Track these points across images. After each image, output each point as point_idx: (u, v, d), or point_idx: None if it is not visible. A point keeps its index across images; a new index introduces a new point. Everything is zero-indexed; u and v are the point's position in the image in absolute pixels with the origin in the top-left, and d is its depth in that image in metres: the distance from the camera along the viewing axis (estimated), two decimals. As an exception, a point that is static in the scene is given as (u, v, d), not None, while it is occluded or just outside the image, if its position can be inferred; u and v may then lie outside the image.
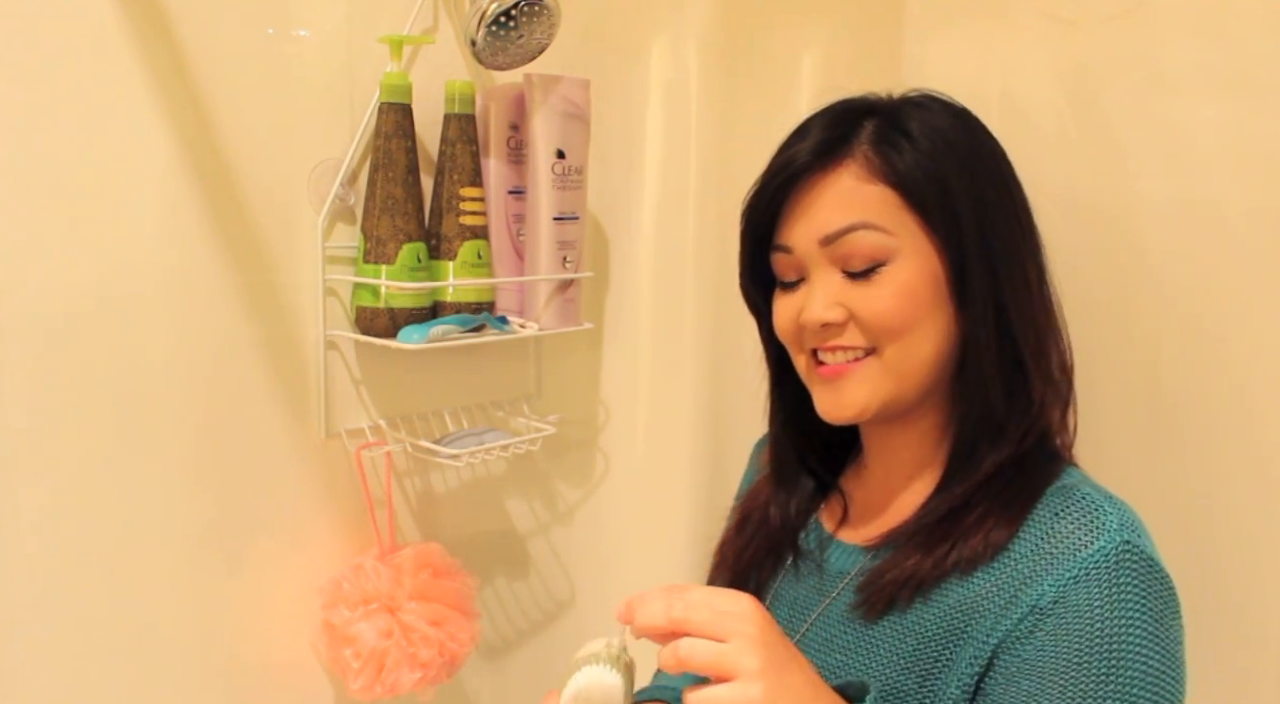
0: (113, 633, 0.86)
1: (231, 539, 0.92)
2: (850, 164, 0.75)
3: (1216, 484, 0.81)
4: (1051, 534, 0.70)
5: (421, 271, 0.95)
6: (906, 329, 0.75)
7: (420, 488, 1.08)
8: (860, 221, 0.74)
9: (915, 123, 0.75)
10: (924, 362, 0.76)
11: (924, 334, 0.75)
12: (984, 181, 0.75)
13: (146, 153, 0.84)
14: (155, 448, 0.87)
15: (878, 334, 0.75)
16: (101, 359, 0.83)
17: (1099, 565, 0.67)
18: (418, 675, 0.94)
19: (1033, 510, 0.72)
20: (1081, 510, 0.71)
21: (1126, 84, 0.84)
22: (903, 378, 0.76)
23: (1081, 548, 0.68)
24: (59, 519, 0.82)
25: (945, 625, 0.72)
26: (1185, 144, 0.81)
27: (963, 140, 0.76)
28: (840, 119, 0.77)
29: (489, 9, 0.91)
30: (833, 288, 0.76)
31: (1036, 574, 0.69)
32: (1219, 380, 0.80)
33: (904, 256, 0.74)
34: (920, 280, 0.74)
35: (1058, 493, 0.73)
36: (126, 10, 0.81)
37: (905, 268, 0.74)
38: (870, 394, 0.76)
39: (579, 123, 1.03)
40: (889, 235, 0.74)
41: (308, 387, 0.96)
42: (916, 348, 0.75)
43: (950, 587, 0.72)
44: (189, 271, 0.87)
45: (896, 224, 0.74)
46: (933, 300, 0.75)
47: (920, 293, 0.74)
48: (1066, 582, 0.68)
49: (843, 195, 0.75)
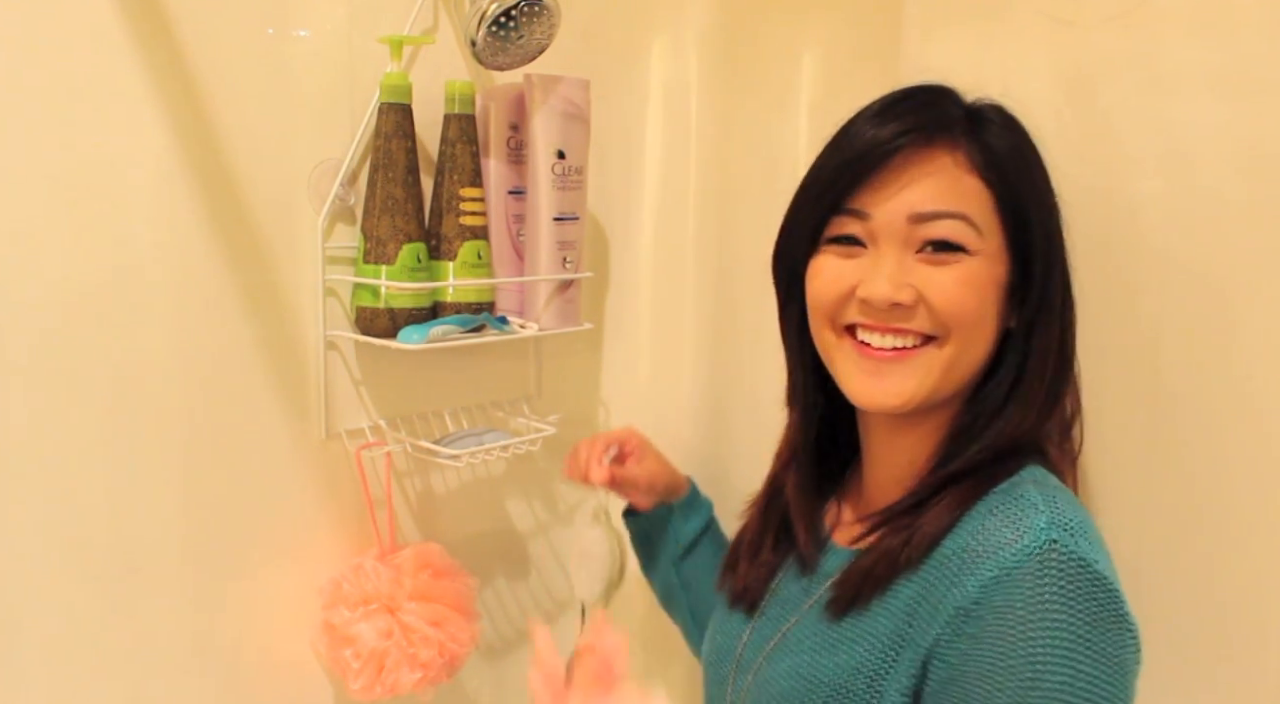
0: (113, 632, 0.86)
1: (231, 539, 0.92)
2: (953, 149, 0.74)
3: (1218, 484, 0.81)
4: (980, 531, 0.69)
5: (421, 272, 0.95)
6: (974, 322, 0.74)
7: (420, 488, 1.08)
8: (961, 212, 0.73)
9: (1003, 124, 0.76)
10: (972, 363, 0.75)
11: (983, 333, 0.75)
12: (1052, 198, 0.77)
13: (146, 153, 0.84)
14: (155, 448, 0.87)
15: (947, 321, 0.73)
16: (101, 359, 0.83)
17: (1020, 566, 0.65)
18: (418, 676, 0.94)
19: (973, 507, 0.71)
20: (1014, 508, 0.69)
21: (1126, 84, 0.84)
22: (953, 372, 0.75)
23: (1005, 547, 0.66)
24: (58, 519, 0.82)
25: (893, 627, 0.71)
26: (1185, 144, 0.81)
27: (1037, 154, 0.77)
28: (936, 100, 0.76)
29: (489, 9, 0.91)
30: (905, 267, 0.74)
31: (961, 574, 0.67)
32: (1220, 380, 0.80)
33: (982, 255, 0.74)
34: (988, 280, 0.74)
35: (1003, 491, 0.71)
36: (126, 10, 0.81)
37: (979, 264, 0.74)
38: (918, 386, 0.74)
39: (579, 123, 1.03)
40: (978, 232, 0.73)
41: (308, 387, 0.96)
42: (974, 346, 0.75)
43: (902, 585, 0.72)
44: (189, 272, 0.87)
45: (987, 223, 0.74)
46: (994, 302, 0.74)
47: (987, 291, 0.74)
48: (987, 582, 0.66)
49: (943, 178, 0.74)
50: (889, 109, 0.76)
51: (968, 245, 0.73)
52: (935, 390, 0.75)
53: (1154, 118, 0.82)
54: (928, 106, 0.76)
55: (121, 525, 0.85)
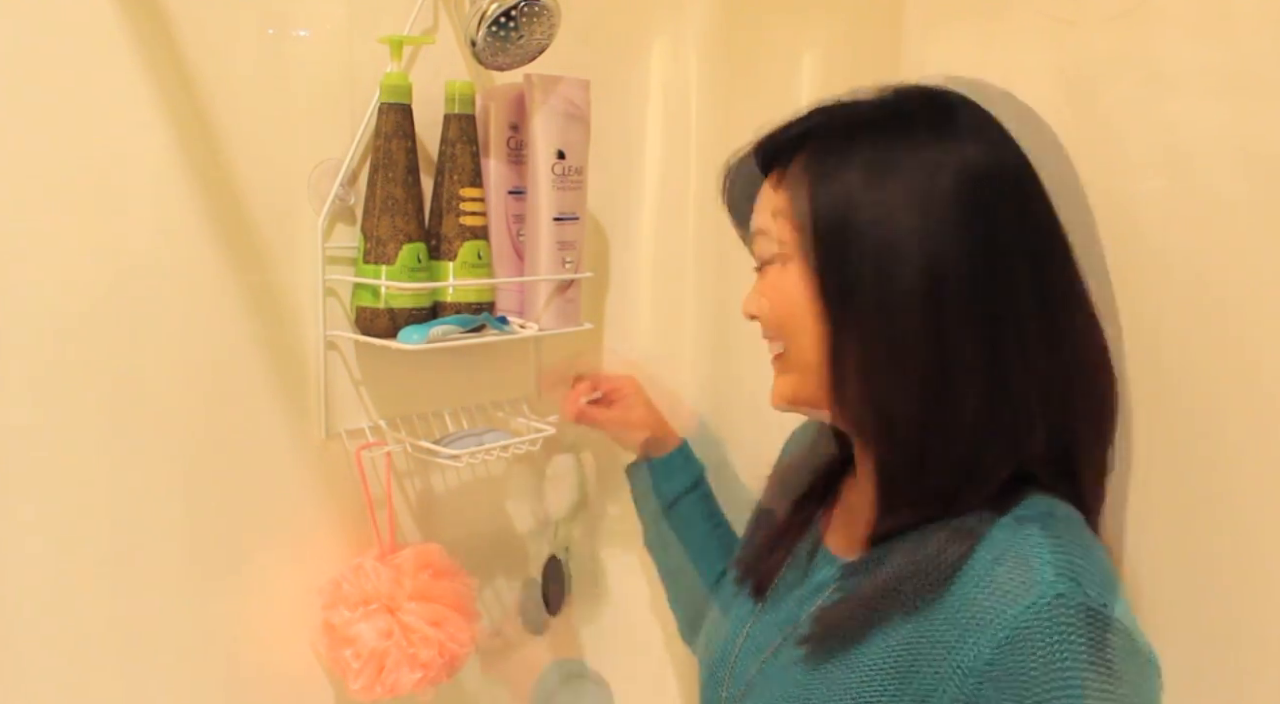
0: (112, 633, 0.86)
1: (231, 539, 0.92)
2: (777, 186, 0.78)
3: (1218, 484, 0.81)
4: (989, 580, 0.67)
5: (421, 272, 0.95)
6: (785, 327, 0.77)
7: (420, 488, 1.08)
8: (761, 228, 0.78)
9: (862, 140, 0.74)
10: (811, 364, 0.76)
11: (805, 337, 0.76)
12: (896, 203, 0.71)
13: (146, 153, 0.84)
14: (155, 448, 0.87)
15: (772, 330, 0.79)
16: (101, 359, 0.83)
17: (1030, 625, 0.63)
18: (418, 676, 0.94)
19: (978, 545, 0.69)
20: (1018, 557, 0.66)
21: (1126, 84, 0.84)
22: (799, 372, 0.77)
23: (1012, 603, 0.64)
24: (58, 519, 0.82)
25: (891, 663, 0.69)
26: (1185, 144, 0.81)
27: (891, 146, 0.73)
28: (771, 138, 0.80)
29: (489, 9, 0.91)
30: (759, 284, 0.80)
31: (973, 627, 0.65)
32: (1221, 380, 0.80)
33: (781, 258, 0.77)
34: (790, 280, 0.76)
35: (1005, 528, 0.69)
36: (126, 10, 0.80)
37: (787, 270, 0.76)
38: (782, 388, 0.80)
39: (579, 123, 1.03)
40: (777, 242, 0.77)
41: (308, 387, 0.96)
42: (800, 349, 0.77)
43: (895, 623, 0.70)
44: (189, 272, 0.87)
45: (784, 230, 0.76)
46: (805, 306, 0.75)
47: (793, 297, 0.76)
48: (1000, 643, 0.64)
49: (764, 193, 0.79)
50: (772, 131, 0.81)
51: (769, 256, 0.78)
52: (798, 391, 0.78)
53: (1154, 118, 0.82)
54: (767, 142, 0.80)
55: (121, 525, 0.85)
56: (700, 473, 1.09)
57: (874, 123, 0.75)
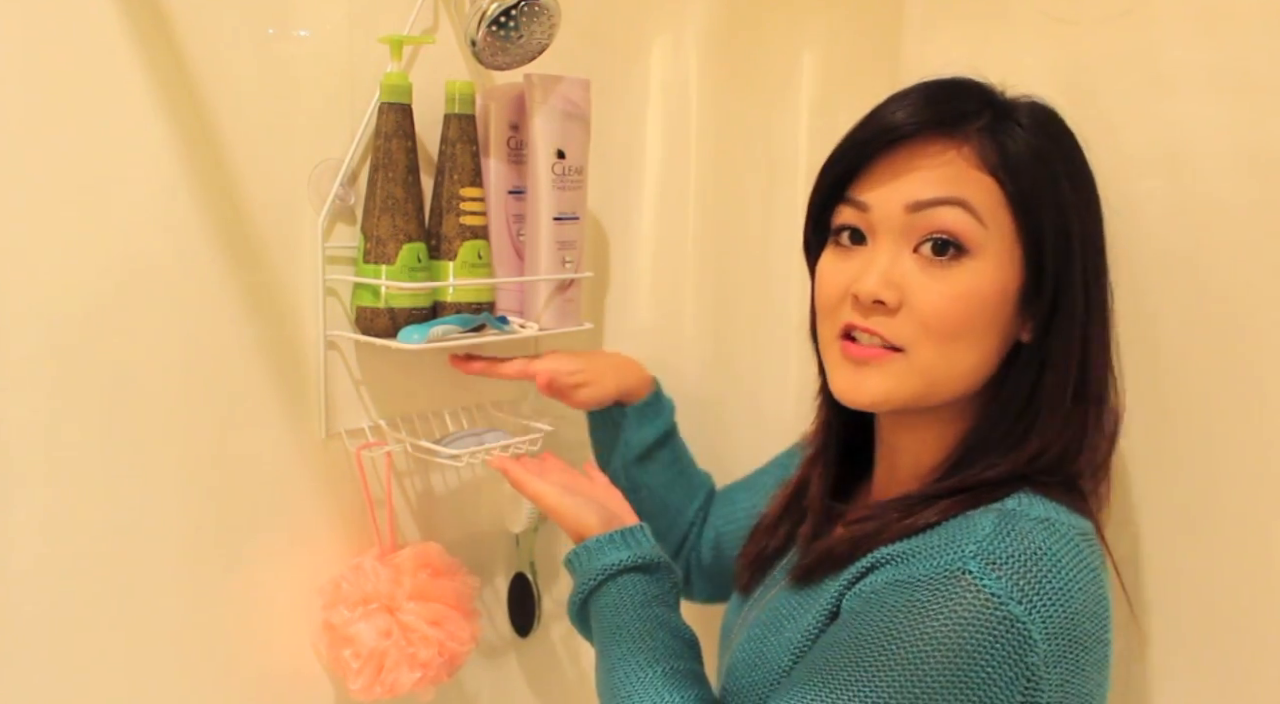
0: (112, 632, 0.86)
1: (231, 539, 0.92)
2: (961, 144, 0.71)
3: (1218, 485, 0.81)
4: (924, 541, 0.68)
5: (421, 272, 0.95)
6: (957, 336, 0.71)
7: (420, 488, 1.08)
8: (957, 197, 0.70)
9: (1032, 124, 0.73)
10: (961, 374, 0.72)
11: (972, 345, 0.72)
12: (1083, 204, 0.73)
13: (146, 153, 0.83)
14: (155, 448, 0.87)
15: (923, 332, 0.71)
16: (101, 359, 0.83)
17: (922, 578, 0.64)
18: (417, 675, 0.94)
19: (942, 523, 0.70)
20: (957, 529, 0.68)
21: (1126, 84, 0.84)
22: (933, 384, 0.72)
23: (925, 560, 0.66)
24: (58, 519, 0.82)
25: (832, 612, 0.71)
26: (1185, 144, 0.81)
27: (1074, 157, 0.74)
28: (958, 94, 0.74)
29: (489, 9, 0.91)
30: (900, 266, 0.72)
31: (898, 582, 0.66)
32: (1221, 380, 0.80)
33: (987, 256, 0.70)
34: (992, 289, 0.71)
35: (976, 514, 0.69)
36: (126, 10, 0.81)
37: (983, 269, 0.71)
38: (893, 390, 0.73)
39: (579, 123, 1.03)
40: (981, 225, 0.70)
41: (308, 387, 0.96)
42: (959, 358, 0.72)
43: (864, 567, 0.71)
44: (189, 271, 0.87)
45: (992, 218, 0.70)
46: (996, 313, 0.71)
47: (988, 302, 0.71)
48: (892, 582, 0.66)
49: (946, 170, 0.71)
50: (907, 96, 0.74)
51: (968, 240, 0.70)
52: (916, 395, 0.73)
53: (1154, 118, 0.82)
54: (949, 99, 0.73)
55: (121, 525, 0.85)
56: (670, 414, 1.05)
57: (1048, 125, 0.75)
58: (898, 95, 0.75)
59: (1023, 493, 0.70)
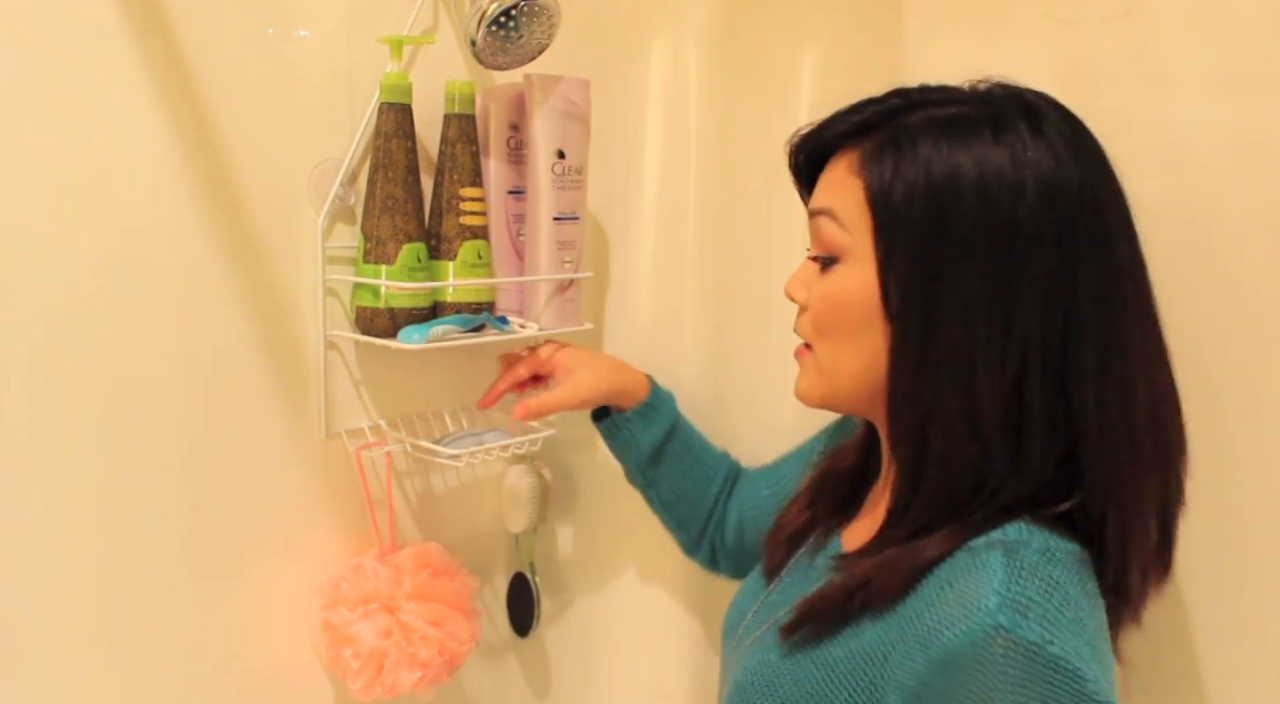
0: (112, 633, 0.86)
1: (231, 539, 0.92)
2: (856, 150, 0.74)
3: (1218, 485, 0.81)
4: (938, 601, 0.65)
5: (421, 271, 0.95)
6: (833, 335, 0.75)
7: (420, 488, 1.08)
8: (825, 207, 0.75)
9: (931, 135, 0.70)
10: (851, 373, 0.74)
11: (850, 345, 0.74)
12: (961, 211, 0.68)
13: (146, 153, 0.84)
14: (155, 448, 0.87)
15: (814, 331, 0.77)
16: (100, 359, 0.83)
17: (963, 652, 0.62)
18: (417, 675, 0.94)
19: (944, 562, 0.67)
20: (971, 581, 0.64)
21: (1126, 84, 0.84)
22: (833, 381, 0.76)
23: (951, 626, 0.63)
24: (57, 519, 0.82)
25: (855, 666, 0.69)
26: (1185, 144, 0.81)
27: (968, 165, 0.68)
28: (880, 100, 0.75)
29: (489, 9, 0.91)
30: (809, 268, 0.77)
31: (916, 644, 0.65)
32: (1220, 381, 0.80)
33: (854, 260, 0.73)
34: (858, 291, 0.72)
35: (973, 551, 0.67)
36: (126, 10, 0.81)
37: (848, 273, 0.73)
38: (809, 387, 0.78)
39: (579, 123, 1.03)
40: (845, 232, 0.73)
41: (308, 387, 0.96)
42: (841, 356, 0.75)
43: (866, 625, 0.69)
44: (188, 271, 0.87)
45: (856, 224, 0.72)
46: (867, 315, 0.72)
47: (851, 304, 0.73)
48: (934, 664, 0.63)
49: (833, 177, 0.75)
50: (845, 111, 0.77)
51: (834, 248, 0.74)
52: (828, 393, 0.77)
53: (1154, 118, 0.82)
54: (865, 108, 0.75)
55: (121, 525, 0.85)
56: (674, 413, 1.05)
57: (957, 119, 0.71)
58: None
59: (1021, 522, 0.68)
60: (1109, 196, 0.71)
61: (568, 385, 1.01)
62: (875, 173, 0.71)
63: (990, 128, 0.69)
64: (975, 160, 0.68)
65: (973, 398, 0.68)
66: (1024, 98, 0.72)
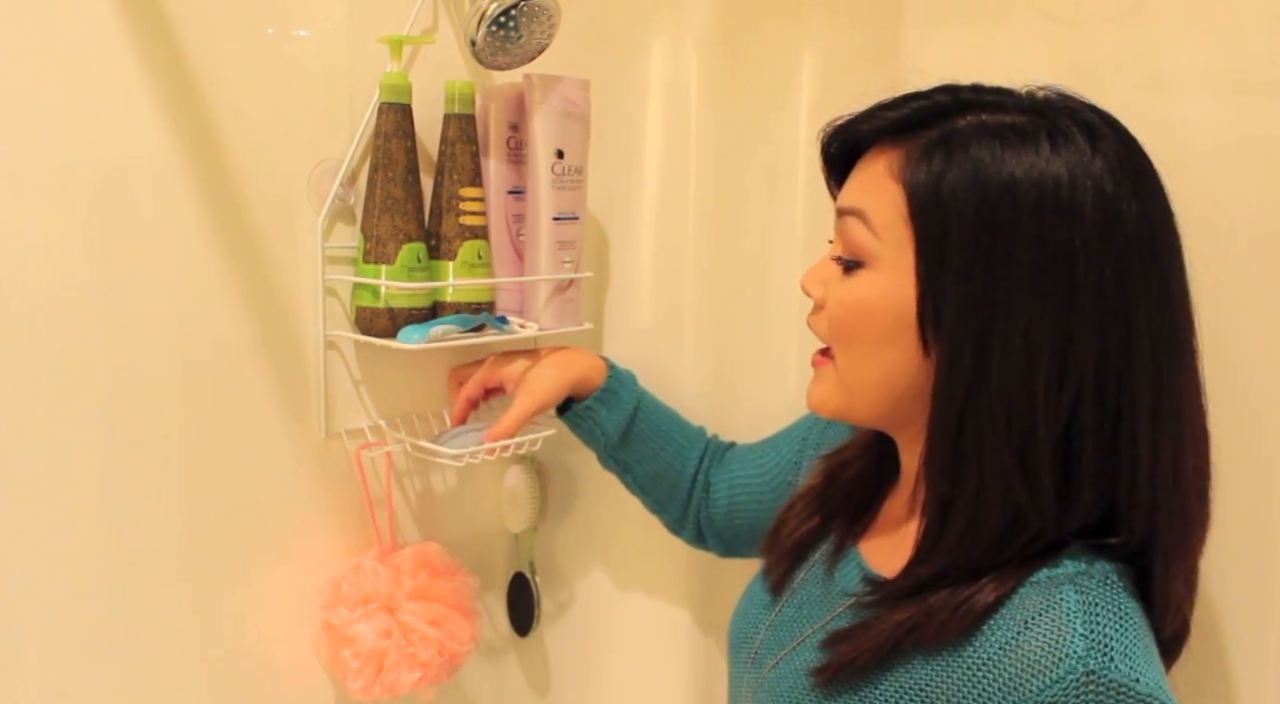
0: (111, 633, 0.86)
1: (230, 539, 0.92)
2: (897, 150, 0.68)
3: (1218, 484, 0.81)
4: (1017, 646, 0.63)
5: (421, 271, 0.95)
6: (852, 344, 0.71)
7: (420, 488, 1.08)
8: (856, 208, 0.70)
9: (985, 144, 0.65)
10: (870, 385, 0.70)
11: (869, 356, 0.70)
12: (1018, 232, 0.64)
13: (146, 152, 0.84)
14: (154, 448, 0.87)
15: (831, 335, 0.72)
16: (100, 359, 0.83)
17: (1056, 699, 0.60)
18: (417, 675, 0.94)
19: (1008, 600, 0.65)
20: (1050, 622, 0.63)
21: (1126, 84, 0.84)
22: (852, 392, 0.72)
23: (1040, 674, 0.61)
24: (56, 519, 0.82)
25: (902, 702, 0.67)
26: (1185, 144, 0.81)
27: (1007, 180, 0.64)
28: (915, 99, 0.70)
29: (489, 9, 0.91)
30: (830, 266, 0.73)
31: (996, 692, 0.63)
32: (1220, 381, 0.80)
33: (882, 268, 0.68)
34: (883, 301, 0.68)
35: (1039, 587, 0.65)
36: (126, 10, 0.81)
37: (873, 280, 0.69)
38: (825, 396, 0.74)
39: (579, 123, 1.03)
40: (874, 238, 0.68)
41: (308, 387, 0.96)
42: (860, 367, 0.70)
43: (914, 663, 0.67)
44: (189, 271, 0.87)
45: (890, 231, 0.68)
46: (892, 327, 0.68)
47: (876, 314, 0.68)
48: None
49: (868, 176, 0.70)
50: (885, 105, 0.73)
51: (861, 252, 0.69)
52: (845, 405, 0.73)
53: (1154, 118, 0.82)
54: (908, 103, 0.71)
55: (120, 526, 0.85)
56: (636, 393, 1.03)
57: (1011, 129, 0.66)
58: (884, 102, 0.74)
59: (1071, 550, 0.67)
60: (1164, 229, 0.68)
61: (522, 396, 0.99)
62: (920, 182, 0.66)
63: (1049, 144, 0.65)
64: (1032, 181, 0.64)
65: (1027, 437, 0.64)
66: (1082, 115, 0.68)
